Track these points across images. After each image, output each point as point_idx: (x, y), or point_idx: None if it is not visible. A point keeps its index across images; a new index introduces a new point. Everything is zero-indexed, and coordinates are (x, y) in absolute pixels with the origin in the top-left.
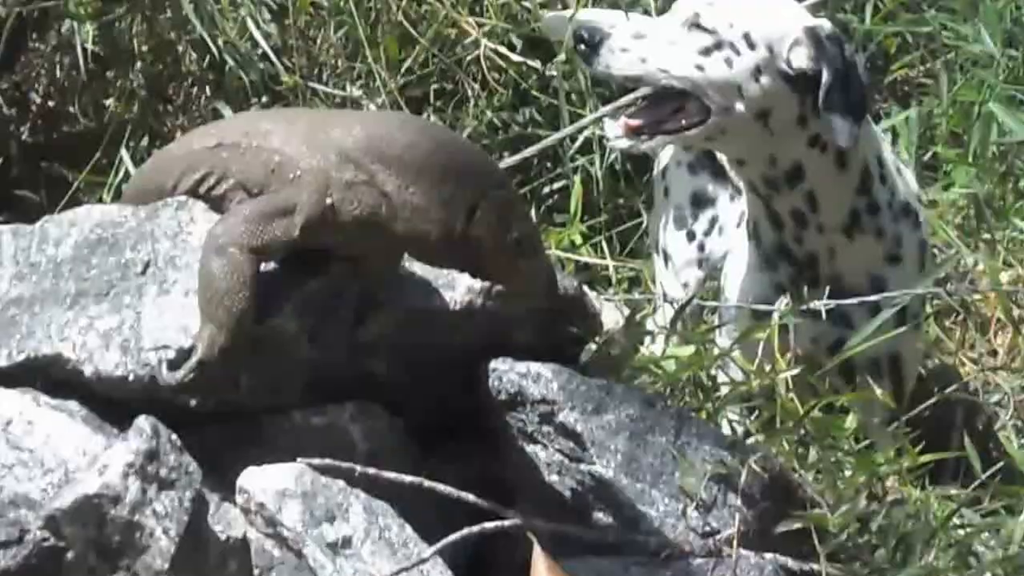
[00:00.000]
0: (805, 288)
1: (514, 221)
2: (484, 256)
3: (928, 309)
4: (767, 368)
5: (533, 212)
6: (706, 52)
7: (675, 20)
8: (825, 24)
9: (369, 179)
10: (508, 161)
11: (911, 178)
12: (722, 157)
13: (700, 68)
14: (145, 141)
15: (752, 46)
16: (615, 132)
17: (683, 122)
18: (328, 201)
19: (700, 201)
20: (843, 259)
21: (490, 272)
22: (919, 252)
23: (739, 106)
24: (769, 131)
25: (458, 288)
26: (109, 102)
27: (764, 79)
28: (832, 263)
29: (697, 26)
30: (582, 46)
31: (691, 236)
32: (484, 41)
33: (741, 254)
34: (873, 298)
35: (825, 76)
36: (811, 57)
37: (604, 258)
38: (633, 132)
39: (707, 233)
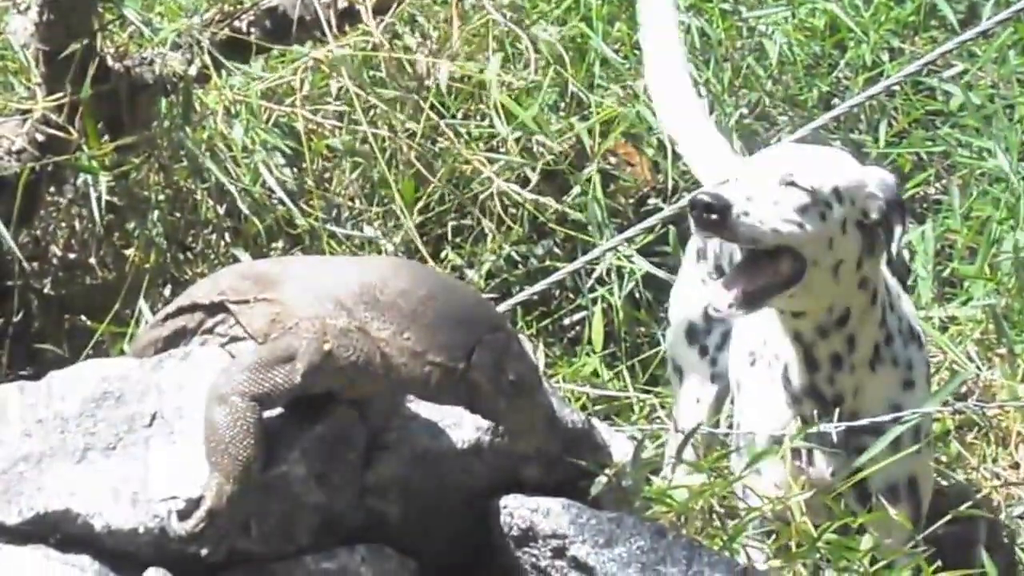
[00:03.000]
0: (819, 419)
1: (510, 362)
2: (481, 397)
3: (949, 424)
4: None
5: (555, 344)
6: (803, 210)
7: (770, 179)
8: (888, 176)
9: (362, 326)
10: (525, 294)
11: (908, 300)
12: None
13: (800, 225)
14: (167, 289)
15: (840, 200)
16: (728, 302)
17: (781, 278)
18: (326, 347)
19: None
20: (866, 394)
21: (487, 413)
22: (926, 372)
23: (827, 259)
24: (837, 280)
25: (465, 427)
26: (129, 252)
27: (848, 231)
28: (856, 400)
29: (792, 184)
30: (709, 215)
31: (703, 351)
32: (497, 180)
33: (759, 390)
34: (886, 418)
35: (898, 230)
36: (881, 209)
37: (625, 387)
38: (746, 299)
39: (720, 348)
